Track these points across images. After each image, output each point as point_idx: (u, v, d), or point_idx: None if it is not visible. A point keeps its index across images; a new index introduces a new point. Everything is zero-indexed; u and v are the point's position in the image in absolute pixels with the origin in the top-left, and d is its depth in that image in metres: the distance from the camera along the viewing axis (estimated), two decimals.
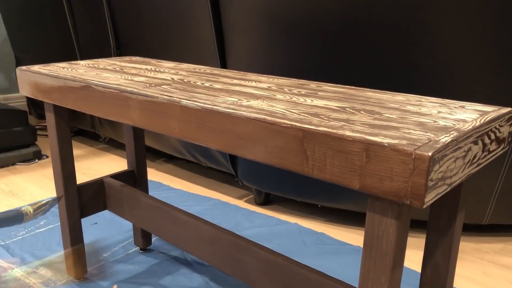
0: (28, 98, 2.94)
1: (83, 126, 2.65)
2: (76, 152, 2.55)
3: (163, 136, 2.15)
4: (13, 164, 2.33)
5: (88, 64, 1.20)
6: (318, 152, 0.62)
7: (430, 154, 0.53)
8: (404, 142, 0.57)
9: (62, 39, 2.46)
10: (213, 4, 1.66)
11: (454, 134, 0.61)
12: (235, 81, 0.97)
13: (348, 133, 0.60)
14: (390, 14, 1.32)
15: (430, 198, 0.56)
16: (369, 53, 1.40)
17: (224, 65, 1.75)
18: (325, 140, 0.61)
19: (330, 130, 0.61)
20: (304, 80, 0.99)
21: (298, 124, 0.64)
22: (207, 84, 0.93)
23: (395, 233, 0.60)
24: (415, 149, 0.54)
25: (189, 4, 1.75)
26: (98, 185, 1.35)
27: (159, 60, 1.31)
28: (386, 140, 0.57)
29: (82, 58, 2.38)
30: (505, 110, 0.76)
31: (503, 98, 1.33)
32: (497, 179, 1.44)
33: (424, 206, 0.56)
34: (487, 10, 1.24)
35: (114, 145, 2.65)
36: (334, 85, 0.95)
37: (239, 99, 0.79)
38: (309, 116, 0.68)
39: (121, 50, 2.18)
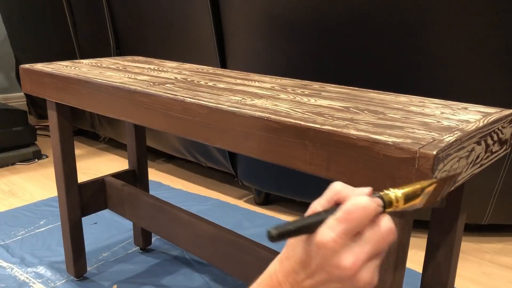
0: (28, 97, 2.94)
1: (83, 126, 2.65)
2: (75, 152, 2.53)
3: (163, 135, 2.15)
4: (13, 164, 2.33)
5: (91, 63, 1.20)
6: (323, 151, 0.62)
7: (434, 152, 0.53)
8: (409, 141, 0.57)
9: (62, 39, 2.46)
10: (213, 5, 1.66)
11: (458, 134, 0.61)
12: (238, 81, 0.97)
13: (352, 131, 0.60)
14: (392, 14, 1.32)
15: None
16: (369, 54, 1.40)
17: (224, 65, 1.75)
18: (329, 138, 0.61)
19: (334, 128, 0.62)
20: (307, 81, 1.00)
21: (302, 123, 0.64)
22: (210, 84, 0.94)
23: (399, 232, 0.60)
24: (419, 148, 0.54)
25: (189, 4, 1.75)
26: (99, 184, 1.35)
27: (161, 60, 1.31)
28: (390, 139, 0.57)
29: (81, 58, 2.38)
30: (507, 111, 0.76)
31: (505, 99, 1.34)
32: (497, 179, 1.45)
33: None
34: (489, 12, 1.25)
35: (113, 145, 2.64)
36: (337, 85, 0.95)
37: (243, 98, 0.80)
38: (313, 115, 0.69)
39: (121, 50, 2.18)
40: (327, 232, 0.41)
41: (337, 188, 0.45)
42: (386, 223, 0.42)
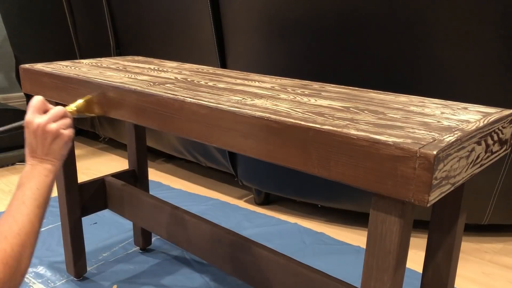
0: (28, 97, 2.94)
1: (83, 126, 2.65)
2: (75, 152, 2.53)
3: (162, 135, 2.15)
4: (13, 164, 2.33)
5: (91, 63, 1.20)
6: (323, 151, 0.62)
7: (435, 152, 0.53)
8: (409, 141, 0.57)
9: (61, 39, 2.46)
10: (213, 5, 1.66)
11: (458, 134, 0.61)
12: (239, 81, 0.97)
13: (353, 131, 0.60)
14: (392, 14, 1.32)
15: (434, 196, 0.56)
16: (369, 54, 1.40)
17: (224, 65, 1.75)
18: (329, 138, 0.61)
19: (335, 128, 0.62)
20: (307, 81, 1.00)
21: (302, 123, 0.64)
22: (210, 84, 0.94)
23: (399, 231, 0.60)
24: (420, 148, 0.54)
25: (189, 4, 1.75)
26: (99, 184, 1.35)
27: (161, 60, 1.31)
28: (391, 139, 0.57)
29: (81, 58, 2.38)
30: (507, 111, 0.76)
31: (505, 99, 1.34)
32: (497, 179, 1.45)
33: (428, 205, 0.56)
34: (489, 11, 1.25)
35: (113, 145, 2.64)
36: (337, 85, 0.95)
37: (243, 98, 0.80)
38: (314, 115, 0.69)
39: (121, 50, 2.18)
40: (26, 116, 0.84)
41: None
42: (57, 106, 0.87)
